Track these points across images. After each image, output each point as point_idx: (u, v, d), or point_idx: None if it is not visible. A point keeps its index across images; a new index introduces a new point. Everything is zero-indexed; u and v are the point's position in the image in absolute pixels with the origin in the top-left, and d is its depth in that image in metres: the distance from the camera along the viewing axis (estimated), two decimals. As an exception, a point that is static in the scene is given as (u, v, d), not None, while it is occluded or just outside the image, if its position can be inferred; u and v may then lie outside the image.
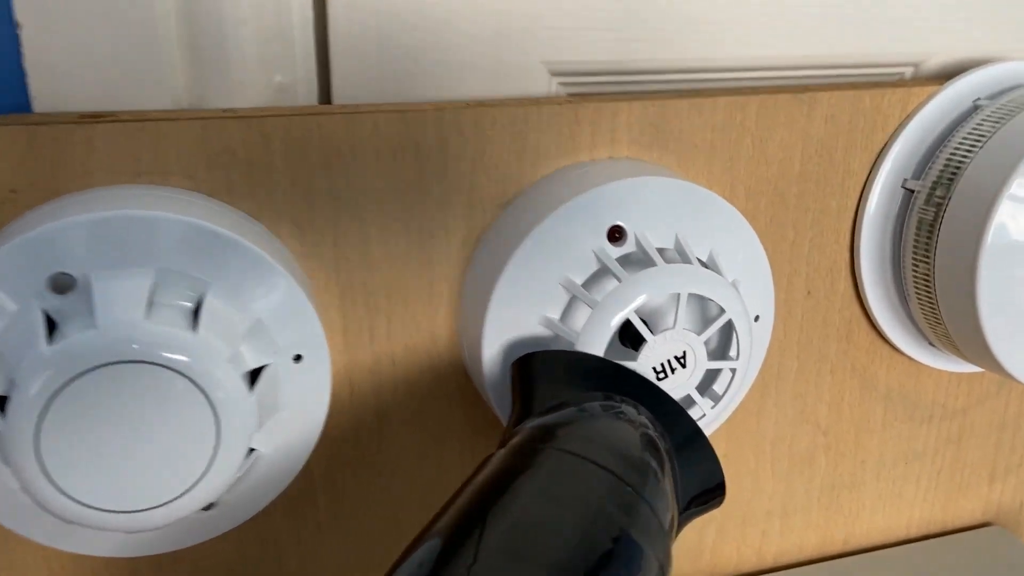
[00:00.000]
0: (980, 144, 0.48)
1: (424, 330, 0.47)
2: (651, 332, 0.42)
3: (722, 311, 0.43)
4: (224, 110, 0.42)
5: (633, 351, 0.43)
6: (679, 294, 0.41)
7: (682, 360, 0.43)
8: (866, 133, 0.51)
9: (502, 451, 0.38)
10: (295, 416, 0.41)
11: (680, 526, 0.40)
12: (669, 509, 0.38)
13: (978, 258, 0.46)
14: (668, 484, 0.38)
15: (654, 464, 0.38)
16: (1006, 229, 0.45)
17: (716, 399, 0.45)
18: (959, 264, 0.47)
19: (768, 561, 0.60)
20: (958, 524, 0.66)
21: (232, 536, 0.47)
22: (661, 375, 0.43)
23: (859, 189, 0.52)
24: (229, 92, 0.43)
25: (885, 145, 0.52)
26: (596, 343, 0.41)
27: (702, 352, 0.43)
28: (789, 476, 0.58)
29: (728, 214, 0.45)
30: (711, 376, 0.46)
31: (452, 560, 0.31)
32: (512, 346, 0.43)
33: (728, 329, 0.44)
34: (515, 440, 0.39)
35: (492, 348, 0.44)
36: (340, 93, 0.45)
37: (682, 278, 0.41)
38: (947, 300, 0.49)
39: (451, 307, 0.47)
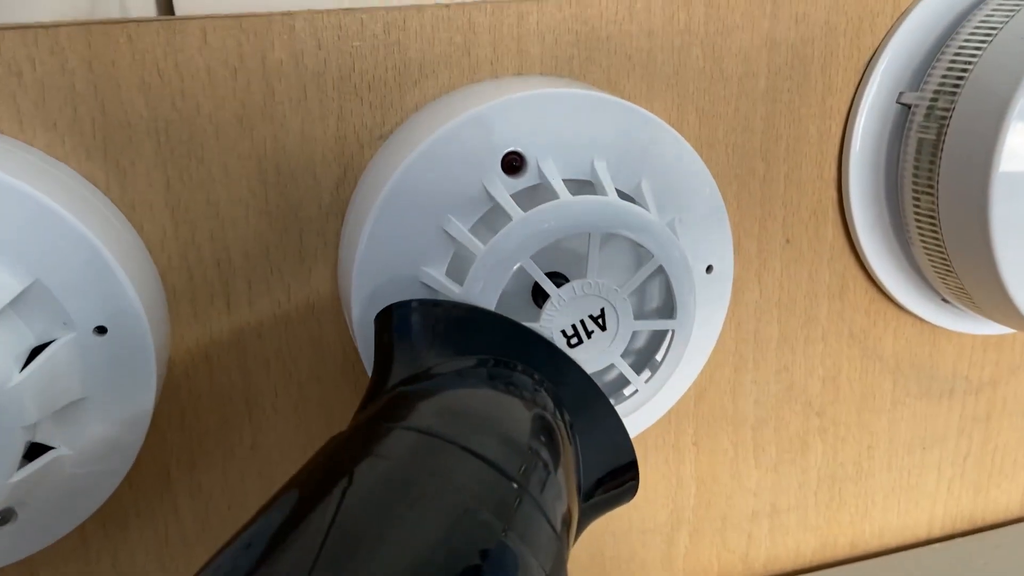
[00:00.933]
0: (989, 40, 0.37)
1: (297, 295, 0.38)
2: (556, 286, 0.32)
3: (650, 256, 0.33)
4: (10, 24, 0.33)
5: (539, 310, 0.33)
6: (589, 235, 0.32)
7: (600, 320, 0.33)
8: (850, 37, 0.41)
9: (341, 433, 0.29)
10: (109, 404, 0.33)
11: (583, 524, 0.31)
12: (564, 503, 0.29)
13: (990, 182, 0.36)
14: (565, 473, 0.29)
15: (545, 451, 0.29)
16: (1026, 141, 0.35)
17: (654, 369, 0.35)
18: (968, 191, 0.37)
19: (756, 570, 0.51)
20: (991, 520, 0.55)
21: (78, 554, 0.39)
22: (573, 340, 0.33)
23: (844, 109, 0.42)
24: (26, 2, 0.35)
25: (875, 52, 0.41)
26: (483, 300, 0.32)
27: (626, 310, 0.33)
28: (777, 467, 0.48)
29: (664, 137, 0.36)
30: (653, 343, 0.37)
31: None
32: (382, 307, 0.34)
33: (664, 281, 0.34)
34: (359, 419, 0.30)
35: (364, 315, 0.35)
36: (185, 3, 0.37)
37: (592, 214, 0.32)
38: (956, 241, 0.39)
39: (328, 266, 0.38)
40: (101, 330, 0.32)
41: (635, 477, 0.30)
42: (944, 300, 0.45)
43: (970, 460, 0.52)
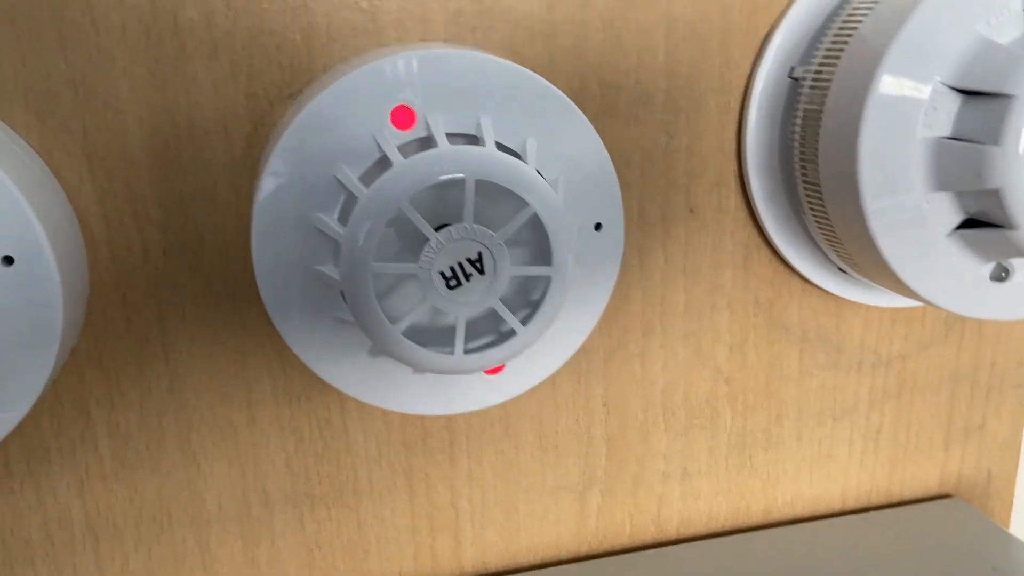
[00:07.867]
0: (872, 10, 0.39)
1: (211, 246, 0.41)
2: (434, 229, 0.35)
3: (525, 204, 0.35)
4: (-62, -22, 0.36)
5: (422, 254, 0.36)
6: (465, 180, 0.34)
7: (478, 264, 0.35)
8: (746, 15, 0.43)
9: None
10: (17, 334, 0.35)
11: None
12: None
13: (857, 148, 0.37)
14: None
15: None
16: (891, 104, 0.37)
17: (530, 314, 0.37)
18: (840, 159, 0.39)
19: (670, 532, 0.52)
20: (908, 495, 0.56)
21: (3, 484, 0.42)
22: (452, 281, 0.35)
23: (743, 83, 0.44)
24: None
25: (771, 28, 0.43)
26: (365, 241, 0.34)
27: (503, 255, 0.35)
28: (687, 432, 0.50)
29: (552, 100, 0.38)
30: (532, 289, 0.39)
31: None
32: (282, 253, 0.37)
33: (542, 231, 0.37)
34: None
35: (263, 258, 0.37)
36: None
37: (468, 162, 0.34)
38: (836, 207, 0.41)
39: (240, 217, 0.40)
40: (8, 260, 0.34)
41: None
42: (840, 270, 0.47)
43: (883, 434, 0.54)
